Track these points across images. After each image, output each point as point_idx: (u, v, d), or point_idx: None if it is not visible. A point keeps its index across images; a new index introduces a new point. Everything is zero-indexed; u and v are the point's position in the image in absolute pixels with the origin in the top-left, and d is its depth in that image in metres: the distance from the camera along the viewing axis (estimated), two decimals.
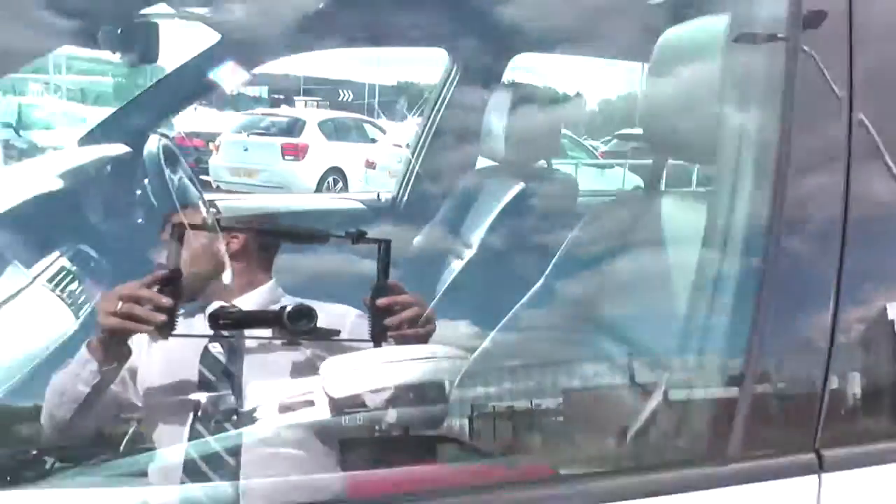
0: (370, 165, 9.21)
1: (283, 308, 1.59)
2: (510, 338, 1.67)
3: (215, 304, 1.76)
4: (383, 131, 11.88)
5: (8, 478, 1.36)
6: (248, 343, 1.71)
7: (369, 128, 11.75)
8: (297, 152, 9.70)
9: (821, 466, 1.31)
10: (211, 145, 12.29)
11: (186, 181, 2.36)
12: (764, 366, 1.33)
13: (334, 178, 10.30)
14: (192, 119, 12.84)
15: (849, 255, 1.29)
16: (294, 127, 10.12)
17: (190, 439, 1.63)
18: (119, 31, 2.45)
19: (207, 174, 12.45)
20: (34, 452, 1.53)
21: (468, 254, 2.35)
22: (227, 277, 1.72)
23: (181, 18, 2.87)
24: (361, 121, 11.49)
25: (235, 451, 1.53)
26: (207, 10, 2.76)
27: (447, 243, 2.42)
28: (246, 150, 9.83)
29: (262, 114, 11.01)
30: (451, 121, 3.06)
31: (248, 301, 1.80)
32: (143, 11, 2.59)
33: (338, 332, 1.61)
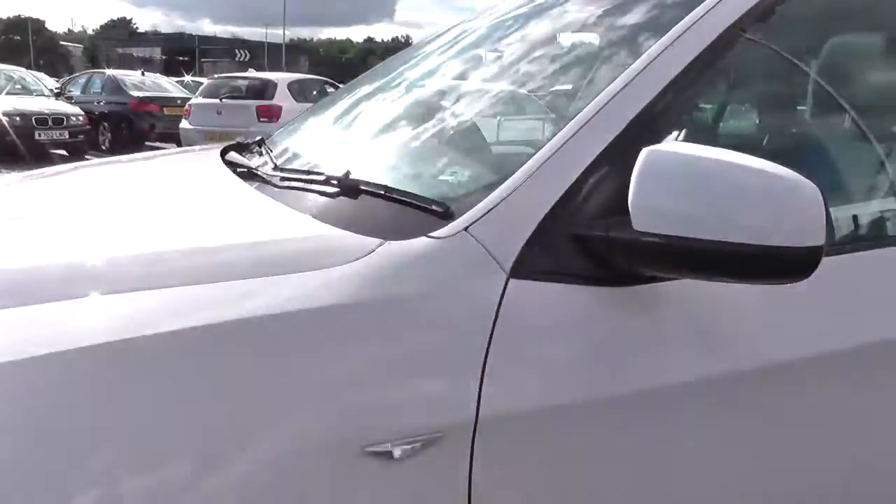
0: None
1: None
2: None
3: None
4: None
5: None
6: None
7: (330, 89, 11.95)
8: (271, 114, 9.92)
9: None
10: (165, 110, 12.35)
11: None
12: None
13: None
14: (142, 85, 12.80)
15: None
16: (266, 89, 10.33)
17: None
18: None
19: (166, 140, 12.49)
20: None
21: None
22: None
23: None
24: (323, 82, 11.72)
25: None
26: None
27: None
28: (220, 113, 10.03)
29: (232, 77, 11.13)
30: None
31: None
32: None
33: None
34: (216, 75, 11.41)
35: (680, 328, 1.14)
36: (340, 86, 11.97)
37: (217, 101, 10.22)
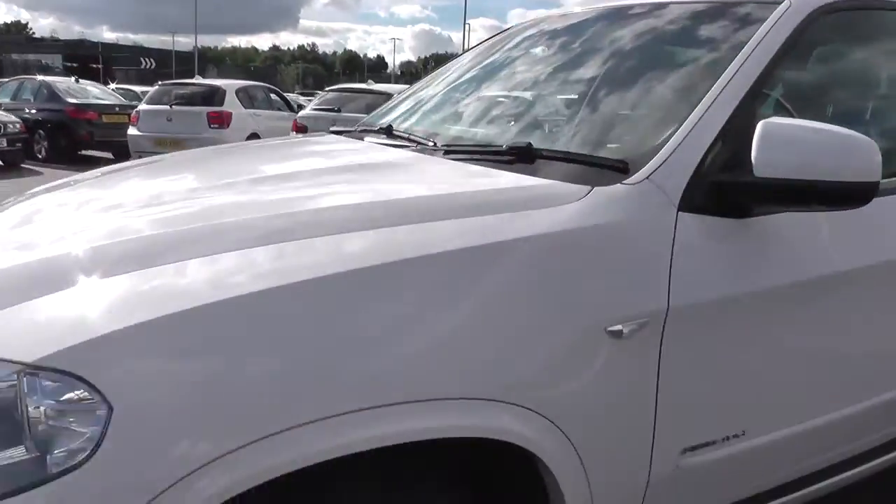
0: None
1: None
2: None
3: None
4: (283, 98, 12.33)
5: None
6: None
7: (273, 96, 12.15)
8: (221, 120, 10.04)
9: None
10: (104, 117, 12.18)
11: None
12: None
13: None
14: (77, 92, 12.55)
15: None
16: (215, 96, 10.43)
17: None
18: None
19: (103, 148, 12.25)
20: None
21: None
22: None
23: None
24: (267, 88, 11.91)
25: None
26: None
27: None
28: (170, 120, 10.06)
29: (180, 84, 11.14)
30: None
31: None
32: None
33: None
34: (161, 82, 11.38)
35: (781, 244, 1.64)
36: (280, 92, 12.01)
37: (167, 107, 10.25)
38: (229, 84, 10.95)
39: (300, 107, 12.79)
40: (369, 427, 1.13)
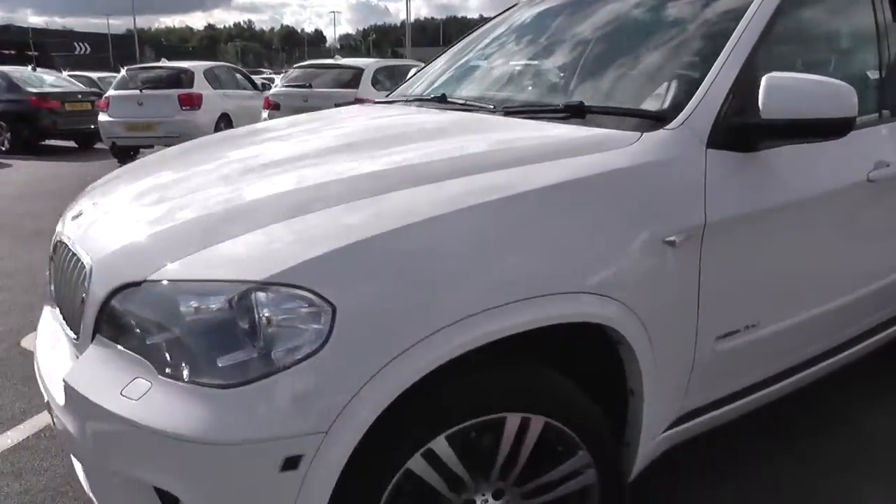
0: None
1: None
2: None
3: None
4: (247, 76, 12.43)
5: None
6: None
7: (238, 75, 12.23)
8: (193, 102, 10.16)
9: None
10: (67, 106, 12.09)
11: None
12: None
13: (224, 123, 10.88)
14: (37, 81, 12.43)
15: None
16: (184, 78, 10.51)
17: None
18: None
19: (67, 137, 12.17)
20: None
21: None
22: None
23: None
24: (231, 69, 12.00)
25: None
26: None
27: None
28: (141, 104, 10.13)
29: (147, 68, 11.16)
30: None
31: None
32: None
33: None
34: (127, 67, 11.35)
35: (784, 170, 2.09)
36: (244, 71, 12.03)
37: (137, 92, 10.31)
38: (196, 66, 11.02)
39: (264, 85, 12.91)
40: (522, 313, 1.53)
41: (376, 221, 1.51)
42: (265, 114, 10.20)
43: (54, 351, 1.90)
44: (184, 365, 1.40)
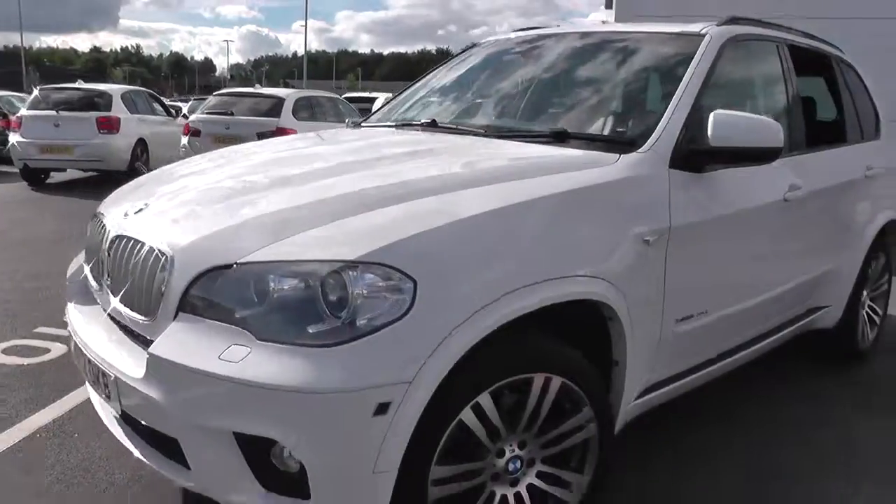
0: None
1: None
2: None
3: None
4: (161, 102, 12.32)
5: None
6: None
7: (154, 102, 12.10)
8: (111, 125, 9.99)
9: None
10: None
11: None
12: None
13: (141, 148, 10.76)
14: None
15: None
16: (102, 101, 10.32)
17: None
18: None
19: None
20: None
21: None
22: None
23: None
24: (147, 94, 11.86)
25: None
26: None
27: None
28: (57, 125, 9.85)
29: (62, 88, 10.84)
30: None
31: None
32: None
33: None
34: (41, 87, 10.97)
35: (726, 184, 2.58)
36: (159, 97, 11.92)
37: (53, 113, 10.02)
38: (114, 89, 10.84)
39: (177, 111, 12.82)
40: (542, 292, 1.90)
41: (439, 215, 1.84)
42: (185, 140, 10.19)
43: (102, 339, 2.10)
44: (284, 331, 1.67)
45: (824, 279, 3.44)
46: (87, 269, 2.41)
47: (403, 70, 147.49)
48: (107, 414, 2.20)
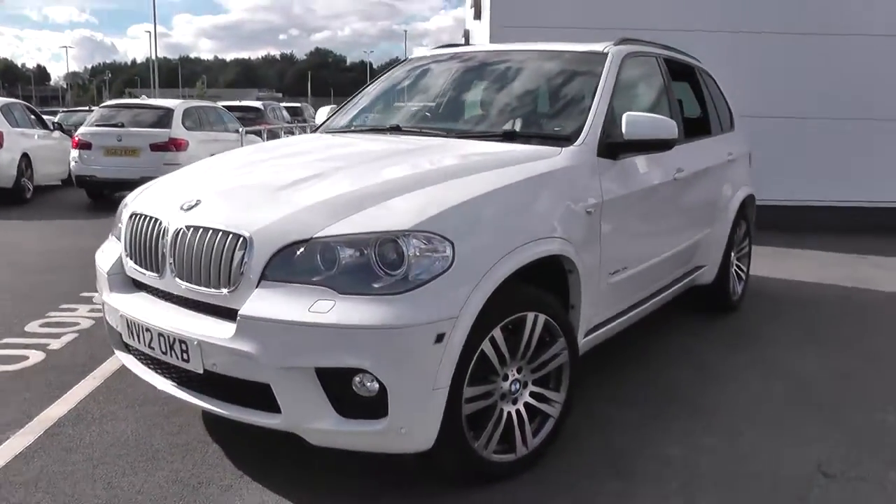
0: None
1: None
2: None
3: None
4: (39, 117, 11.95)
5: None
6: None
7: (31, 114, 11.69)
8: None
9: None
10: None
11: None
12: None
13: (25, 163, 10.43)
14: None
15: None
16: None
17: None
18: None
19: None
20: None
21: None
22: None
23: None
24: (24, 106, 11.44)
25: None
26: None
27: None
28: None
29: None
30: None
31: None
32: None
33: None
34: None
35: (635, 168, 3.36)
36: (35, 109, 11.62)
37: None
38: None
39: (55, 124, 12.43)
40: (531, 249, 2.56)
41: (456, 195, 2.47)
42: (74, 153, 10.04)
43: (173, 315, 2.54)
44: (360, 286, 2.22)
45: (703, 242, 4.36)
46: (131, 263, 2.80)
47: (248, 76, 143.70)
48: (170, 385, 2.63)
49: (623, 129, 3.15)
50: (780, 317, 4.87)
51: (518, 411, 2.64)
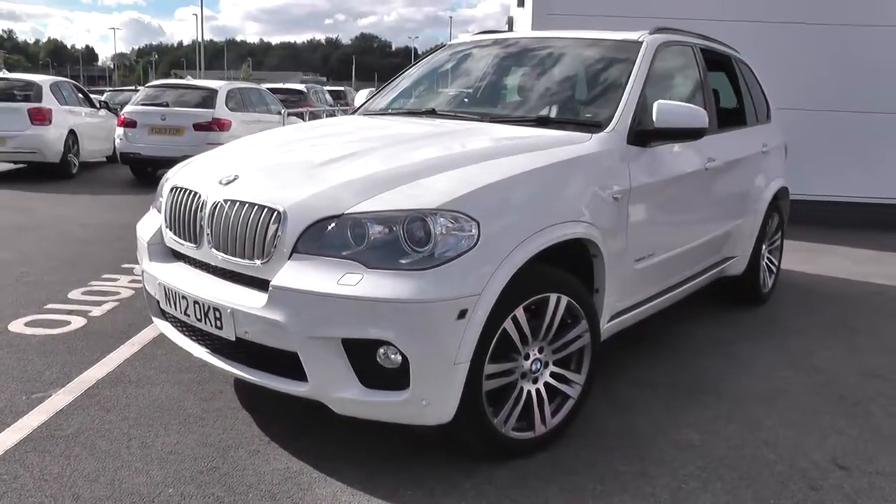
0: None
1: None
2: None
3: None
4: (86, 95, 12.26)
5: None
6: None
7: (79, 93, 11.99)
8: (43, 117, 9.97)
9: None
10: None
11: None
12: None
13: (72, 140, 10.74)
14: None
15: None
16: (31, 91, 10.24)
17: None
18: None
19: None
20: None
21: None
22: None
23: None
24: (73, 85, 11.76)
25: None
26: None
27: None
28: None
29: None
30: None
31: None
32: None
33: None
34: None
35: (665, 156, 3.38)
36: (83, 88, 11.86)
37: None
38: (43, 79, 10.73)
39: (101, 103, 12.75)
40: (556, 231, 2.60)
41: (486, 176, 2.53)
42: (119, 131, 10.30)
43: (209, 284, 2.64)
44: (388, 261, 2.30)
45: (734, 233, 4.35)
46: (170, 234, 2.92)
47: (293, 60, 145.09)
48: (203, 352, 2.74)
49: (654, 117, 3.17)
50: (809, 311, 4.84)
51: (538, 390, 2.70)
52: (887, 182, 8.30)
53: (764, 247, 4.80)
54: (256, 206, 2.53)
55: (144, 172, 10.75)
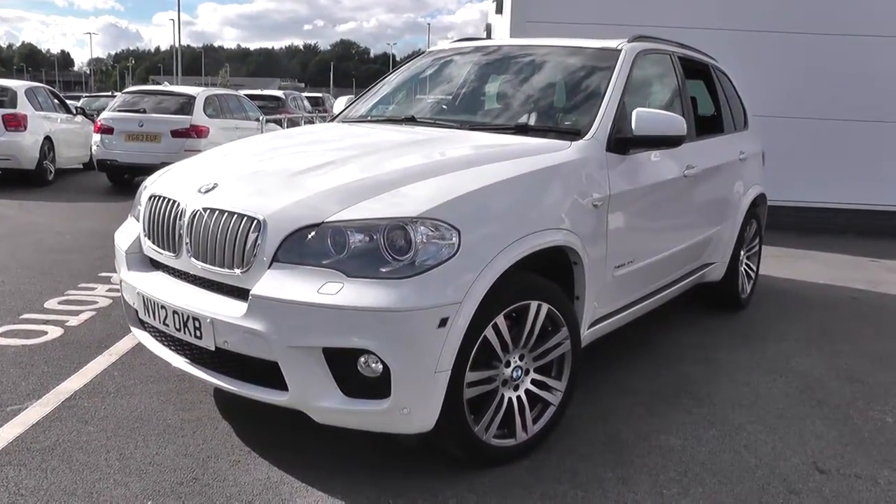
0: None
1: None
2: None
3: None
4: (62, 101, 12.12)
5: None
6: None
7: (54, 98, 11.84)
8: (18, 123, 9.84)
9: None
10: None
11: None
12: None
13: (48, 146, 10.61)
14: None
15: None
16: (7, 97, 10.09)
17: None
18: None
19: None
20: None
21: None
22: None
23: None
24: (48, 90, 11.62)
25: None
26: None
27: None
28: None
29: None
30: None
31: None
32: None
33: None
34: None
35: (644, 163, 3.40)
36: (58, 94, 11.74)
37: None
38: (18, 84, 10.58)
39: (78, 109, 12.61)
40: (536, 239, 2.61)
41: (466, 184, 2.53)
42: (96, 138, 10.20)
43: (187, 294, 2.62)
44: (368, 270, 2.29)
45: (712, 239, 4.39)
46: (148, 242, 2.89)
47: (271, 66, 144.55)
48: (182, 362, 2.71)
49: (633, 125, 3.19)
50: (788, 316, 4.89)
51: (519, 398, 2.70)
52: (864, 188, 8.43)
53: (742, 253, 4.85)
54: (236, 215, 2.51)
55: (122, 179, 10.64)
